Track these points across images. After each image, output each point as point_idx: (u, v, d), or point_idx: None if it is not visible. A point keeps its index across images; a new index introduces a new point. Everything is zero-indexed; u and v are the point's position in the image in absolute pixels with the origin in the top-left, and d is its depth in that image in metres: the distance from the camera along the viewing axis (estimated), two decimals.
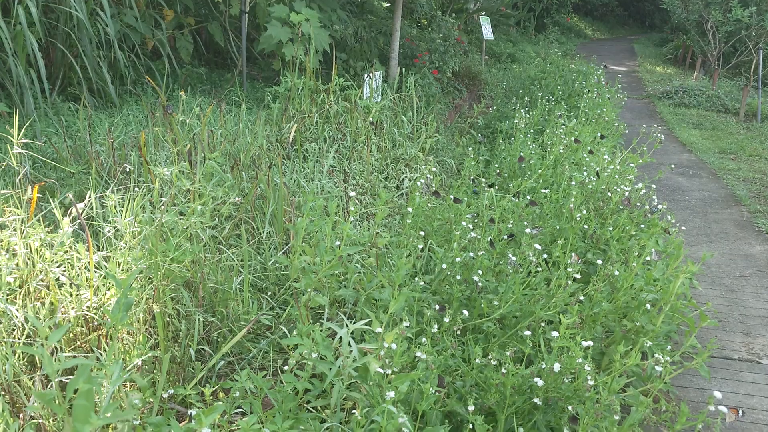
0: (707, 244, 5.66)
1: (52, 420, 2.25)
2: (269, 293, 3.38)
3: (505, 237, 3.54)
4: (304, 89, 6.09)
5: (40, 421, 2.24)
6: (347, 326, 2.39)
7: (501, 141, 6.68)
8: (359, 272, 3.32)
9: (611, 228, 3.68)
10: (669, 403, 2.46)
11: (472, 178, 5.26)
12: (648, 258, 3.20)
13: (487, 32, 11.89)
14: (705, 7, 12.95)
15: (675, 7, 13.92)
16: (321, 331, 2.32)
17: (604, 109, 7.52)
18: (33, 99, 5.42)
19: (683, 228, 5.47)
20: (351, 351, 2.31)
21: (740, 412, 2.36)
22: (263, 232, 3.70)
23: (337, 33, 8.32)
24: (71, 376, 2.33)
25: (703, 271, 4.98)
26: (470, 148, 6.54)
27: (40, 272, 2.94)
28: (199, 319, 2.94)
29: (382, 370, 2.00)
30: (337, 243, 2.94)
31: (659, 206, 4.25)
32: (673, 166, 7.16)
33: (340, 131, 5.96)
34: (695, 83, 13.18)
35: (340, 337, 2.39)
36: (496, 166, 5.92)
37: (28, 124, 4.70)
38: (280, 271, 3.54)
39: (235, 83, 7.41)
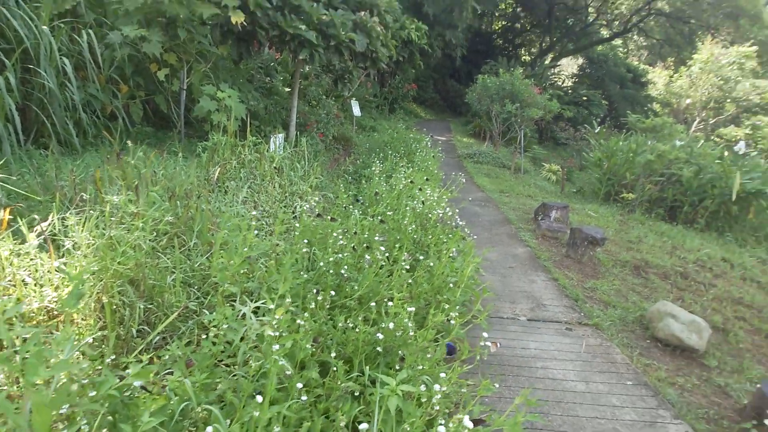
0: (491, 248, 6.07)
1: (15, 384, 1.99)
2: (196, 287, 3.23)
3: (364, 245, 3.61)
4: (226, 144, 5.89)
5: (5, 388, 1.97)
6: (249, 306, 2.33)
7: (364, 182, 6.79)
8: (263, 270, 3.25)
9: (430, 237, 3.87)
10: (462, 344, 2.61)
11: (344, 206, 5.32)
12: (451, 255, 3.39)
13: (356, 111, 12.10)
14: (490, 103, 13.97)
15: (473, 102, 14.89)
16: (232, 311, 2.26)
17: (429, 163, 7.86)
18: (10, 146, 4.81)
19: (476, 237, 5.84)
20: (252, 323, 2.25)
21: (498, 344, 2.55)
22: (191, 243, 3.52)
23: (252, 106, 8.13)
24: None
25: (487, 264, 5.33)
26: (343, 186, 6.62)
27: (9, 275, 2.61)
28: (140, 307, 2.74)
29: (273, 334, 1.97)
30: (245, 249, 2.88)
31: (460, 223, 4.52)
32: (470, 198, 7.64)
33: (252, 173, 5.82)
34: (486, 149, 14.14)
35: (245, 314, 2.34)
36: (360, 198, 6.00)
37: (3, 164, 4.18)
38: (204, 271, 3.38)
39: (176, 139, 7.00)
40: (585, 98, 23.55)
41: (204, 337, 2.39)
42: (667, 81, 25.15)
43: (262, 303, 2.39)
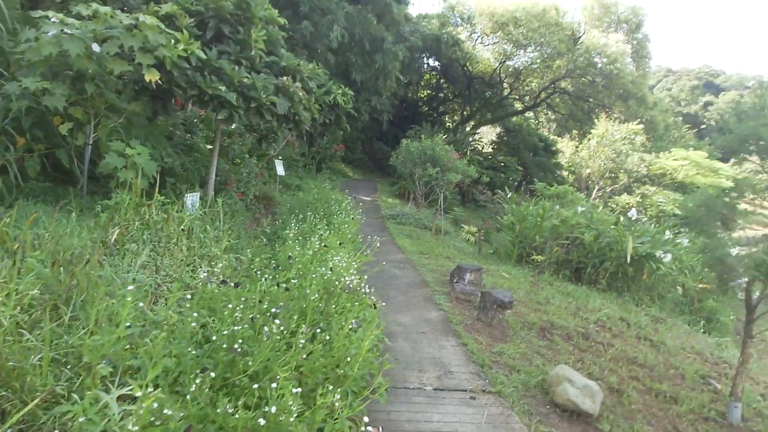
0: (406, 312, 6.08)
1: None
2: (69, 366, 2.88)
3: (268, 314, 3.47)
4: (130, 203, 5.57)
5: None
6: (114, 392, 2.11)
7: (278, 245, 6.67)
8: (150, 344, 2.99)
9: (334, 306, 3.80)
10: (359, 423, 2.51)
11: (255, 270, 5.15)
12: (351, 326, 3.33)
13: (280, 170, 12.08)
14: (413, 166, 14.55)
15: (398, 164, 15.41)
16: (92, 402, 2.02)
17: (346, 226, 7.91)
18: None
19: (392, 301, 5.85)
20: (114, 413, 2.02)
21: (380, 428, 2.47)
22: (66, 316, 3.19)
23: (167, 163, 7.86)
24: None
25: (400, 330, 5.32)
26: (257, 249, 6.45)
27: None
28: None
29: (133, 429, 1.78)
30: (128, 323, 2.65)
31: (372, 288, 4.50)
32: (390, 260, 7.71)
33: (157, 235, 5.51)
34: (409, 210, 14.54)
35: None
36: (273, 261, 5.85)
37: None
38: (81, 348, 3.05)
39: (75, 196, 6.53)
40: (502, 164, 25.34)
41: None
42: (574, 150, 27.81)
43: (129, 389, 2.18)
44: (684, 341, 7.29)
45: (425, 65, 29.91)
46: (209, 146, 10.71)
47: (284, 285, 4.05)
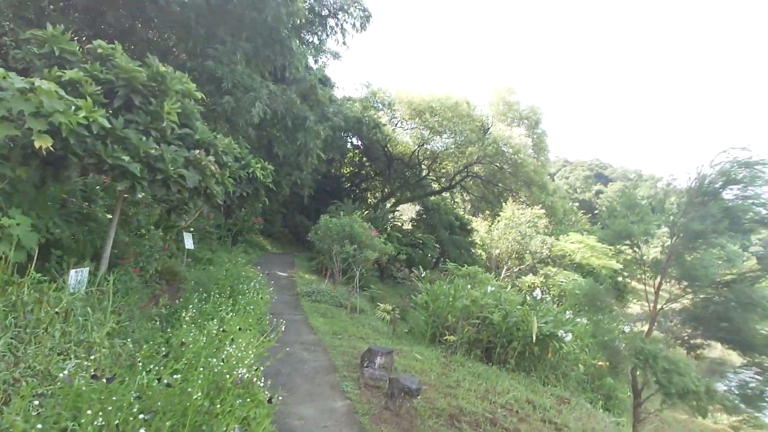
0: (310, 402, 5.67)
1: None
2: None
3: (141, 416, 3.03)
4: None
5: None
6: None
7: (172, 328, 6.10)
8: None
9: (219, 406, 3.42)
10: None
11: (139, 360, 4.59)
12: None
13: (189, 243, 11.44)
14: (332, 243, 14.47)
15: (316, 240, 15.25)
16: None
17: (252, 307, 7.49)
18: None
19: (296, 390, 5.45)
20: None
21: None
22: None
23: (53, 234, 7.11)
24: None
25: (301, 425, 4.91)
26: (150, 333, 5.83)
27: None
28: None
29: None
30: None
31: (263, 383, 4.15)
32: (300, 342, 7.31)
33: (25, 318, 4.80)
34: (326, 287, 14.24)
35: None
36: (165, 348, 5.29)
37: None
38: None
39: None
40: (421, 241, 26.08)
41: None
42: (487, 230, 29.47)
43: None
44: (585, 423, 7.47)
45: (348, 144, 31.02)
46: (110, 216, 9.96)
47: (167, 380, 3.62)
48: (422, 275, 13.98)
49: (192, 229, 13.20)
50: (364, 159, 33.10)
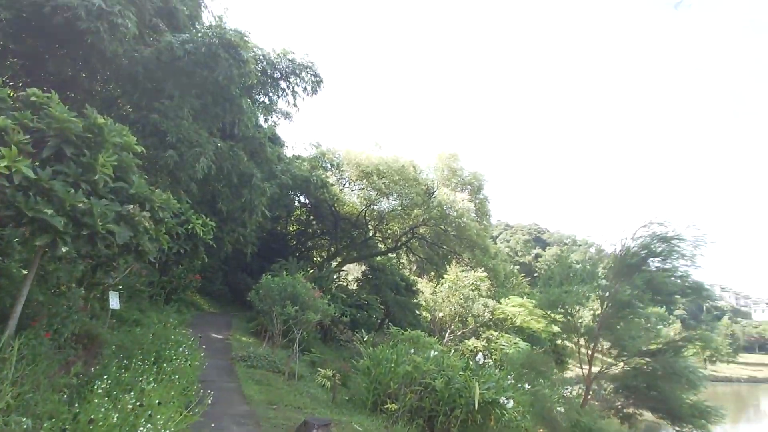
0: None
1: None
2: None
3: None
4: None
5: None
6: None
7: (80, 403, 5.46)
8: None
9: None
10: None
11: None
12: None
13: (114, 303, 10.57)
14: (273, 304, 13.92)
15: (256, 300, 14.62)
16: None
17: (177, 376, 6.91)
18: None
19: None
20: None
21: None
22: None
23: None
24: None
25: None
26: (56, 406, 5.16)
27: None
28: None
29: None
30: None
31: None
32: (230, 414, 6.74)
33: None
34: (263, 351, 13.50)
35: None
36: (68, 427, 4.69)
37: None
38: None
39: None
40: (365, 302, 25.69)
41: None
42: (432, 291, 29.59)
43: None
44: None
45: (296, 202, 30.86)
46: (25, 272, 9.10)
47: None
48: (365, 339, 13.62)
49: (120, 287, 12.28)
50: (312, 218, 32.95)
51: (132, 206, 7.57)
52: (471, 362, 12.50)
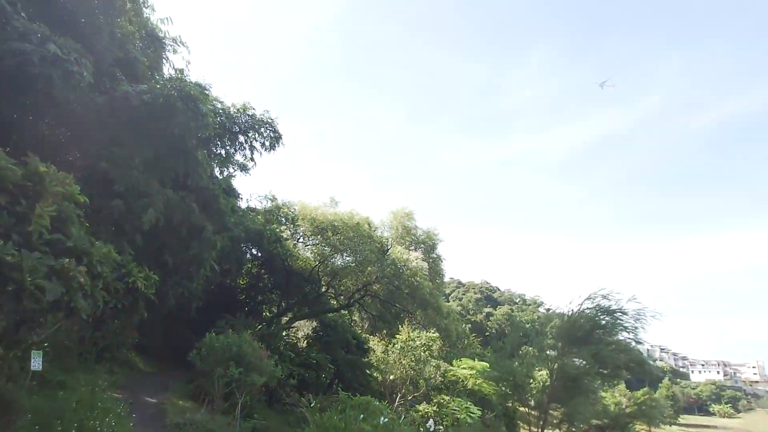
0: None
1: None
2: None
3: None
4: None
5: None
6: None
7: None
8: None
9: None
10: None
11: None
12: None
13: (36, 364, 9.60)
14: (215, 365, 13.05)
15: (198, 360, 13.69)
16: None
17: None
18: None
19: None
20: None
21: None
22: None
23: None
24: None
25: None
26: None
27: None
28: None
29: None
30: None
31: None
32: None
33: None
34: (201, 416, 12.47)
35: None
36: None
37: None
38: None
39: None
40: (315, 361, 24.68)
41: None
42: (384, 350, 28.92)
43: None
44: None
45: (248, 255, 30.03)
46: None
47: None
48: (312, 404, 12.96)
49: (46, 344, 11.21)
50: (263, 272, 32.01)
51: (68, 260, 7.11)
52: (422, 429, 12.09)
